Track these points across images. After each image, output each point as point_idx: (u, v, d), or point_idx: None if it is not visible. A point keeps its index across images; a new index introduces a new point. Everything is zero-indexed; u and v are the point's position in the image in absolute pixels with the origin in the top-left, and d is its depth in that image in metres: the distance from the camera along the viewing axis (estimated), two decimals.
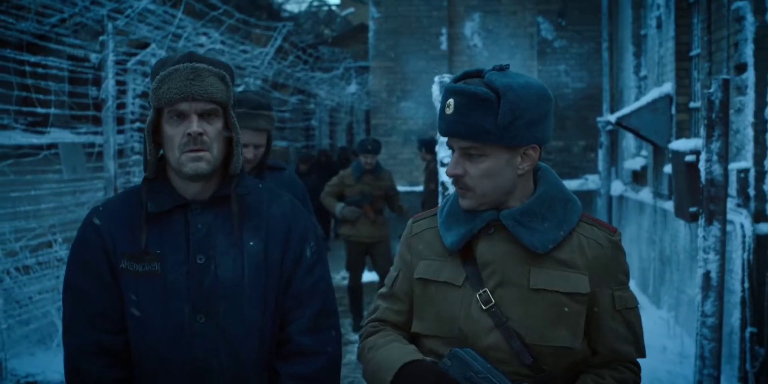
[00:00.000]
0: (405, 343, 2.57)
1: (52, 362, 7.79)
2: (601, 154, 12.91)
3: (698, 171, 5.76)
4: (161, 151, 2.69)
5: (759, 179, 6.60)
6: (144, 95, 11.87)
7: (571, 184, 13.97)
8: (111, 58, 9.55)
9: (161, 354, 2.61)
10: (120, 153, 10.14)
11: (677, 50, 9.10)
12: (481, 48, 14.38)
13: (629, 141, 12.12)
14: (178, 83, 2.54)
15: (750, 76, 6.67)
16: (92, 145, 10.05)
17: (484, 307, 2.46)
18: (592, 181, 14.06)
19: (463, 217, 2.53)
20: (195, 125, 2.55)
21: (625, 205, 12.54)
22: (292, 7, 31.76)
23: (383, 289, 2.71)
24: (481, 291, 2.47)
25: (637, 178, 11.73)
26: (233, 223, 2.65)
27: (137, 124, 10.97)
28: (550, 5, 14.26)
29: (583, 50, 14.36)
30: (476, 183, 2.47)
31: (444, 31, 14.30)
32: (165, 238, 2.63)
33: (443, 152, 5.47)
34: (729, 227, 6.58)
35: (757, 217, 6.58)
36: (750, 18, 6.70)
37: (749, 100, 6.66)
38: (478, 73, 2.47)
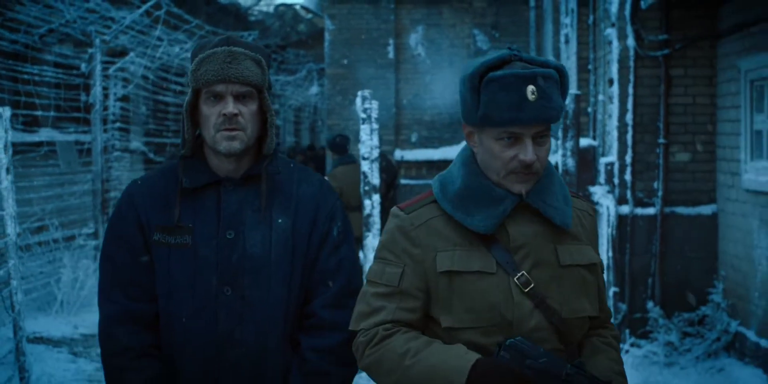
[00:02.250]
0: (442, 342, 2.41)
1: (52, 324, 9.25)
2: None
3: (579, 162, 7.47)
4: (198, 131, 2.75)
5: (621, 171, 8.29)
6: (124, 99, 13.34)
7: None
8: (99, 68, 11.11)
9: (188, 323, 2.66)
10: (104, 149, 11.63)
11: (579, 64, 10.73)
12: (424, 57, 15.80)
13: None
14: (216, 66, 2.58)
15: (615, 89, 8.36)
16: (81, 142, 11.52)
17: (524, 290, 2.39)
18: None
19: (485, 199, 2.42)
20: (231, 106, 2.60)
21: None
22: (260, 9, 32.73)
23: (377, 288, 2.47)
24: (518, 275, 2.39)
25: None
26: (261, 201, 2.69)
27: (117, 124, 12.46)
28: (485, 19, 15.77)
29: None
30: (543, 165, 2.41)
31: (391, 41, 15.63)
32: (197, 213, 2.69)
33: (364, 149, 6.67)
34: (600, 209, 8.31)
35: (620, 201, 8.26)
36: (615, 42, 8.37)
37: (615, 108, 8.35)
38: (510, 58, 2.37)
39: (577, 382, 2.32)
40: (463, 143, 2.59)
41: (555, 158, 7.03)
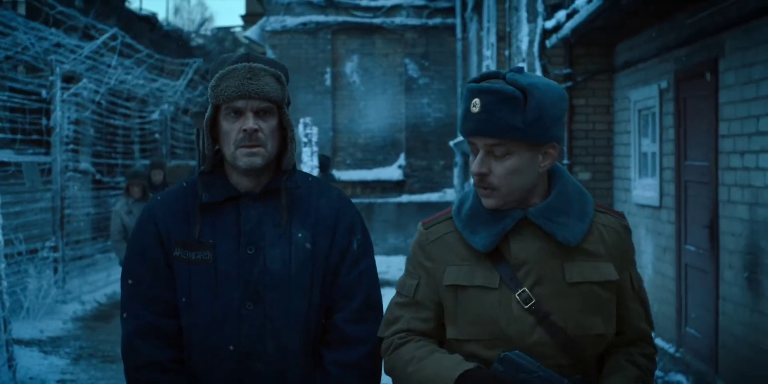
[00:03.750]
0: (445, 352, 2.49)
1: (20, 328, 10.02)
2: (456, 171, 15.74)
3: None
4: (217, 147, 2.70)
5: None
6: (77, 122, 14.19)
7: (432, 197, 16.79)
8: (59, 94, 12.04)
9: (210, 338, 2.63)
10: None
11: None
12: (359, 84, 16.93)
13: None
14: (236, 82, 2.57)
15: None
16: (42, 163, 12.39)
17: (525, 306, 2.40)
18: (449, 194, 16.86)
19: (489, 217, 2.46)
20: (251, 122, 2.57)
21: None
22: (202, 33, 33.49)
23: (399, 298, 2.59)
24: (519, 291, 2.41)
25: None
26: (282, 216, 2.66)
27: (71, 146, 13.32)
28: (416, 49, 16.98)
29: (443, 86, 17.12)
30: (501, 181, 2.40)
31: (328, 69, 16.72)
32: (217, 229, 2.66)
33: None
34: None
35: None
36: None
37: None
38: (497, 75, 2.43)
39: None
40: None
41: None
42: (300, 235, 2.68)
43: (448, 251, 2.52)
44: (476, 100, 2.36)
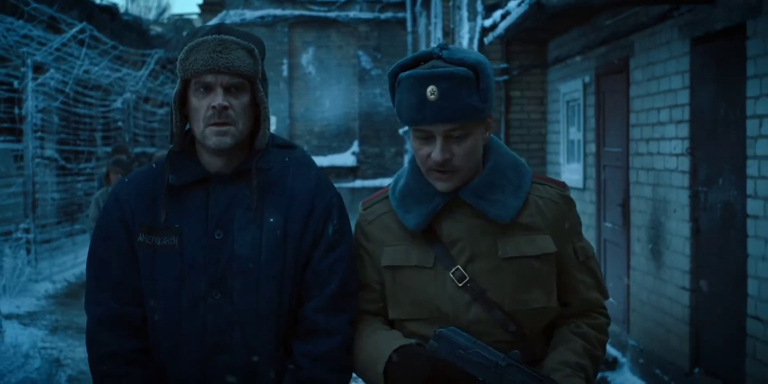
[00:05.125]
0: (388, 329, 2.48)
1: None
2: (406, 158, 16.54)
3: None
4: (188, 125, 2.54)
5: None
6: (43, 111, 14.84)
7: (385, 182, 17.61)
8: (30, 84, 12.73)
9: (175, 328, 2.49)
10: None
11: None
12: (315, 74, 17.72)
13: None
14: (205, 55, 2.40)
15: None
16: (14, 150, 13.07)
17: (459, 284, 2.37)
18: None
19: (421, 197, 2.42)
20: (220, 98, 2.40)
21: None
22: (161, 22, 33.81)
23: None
24: (453, 269, 2.38)
25: None
26: (253, 199, 2.49)
27: (39, 134, 14.00)
28: (369, 42, 17.83)
29: None
30: (463, 163, 2.34)
31: (285, 61, 17.52)
32: (184, 212, 2.50)
33: None
34: None
35: None
36: None
37: None
38: (430, 55, 2.37)
39: (510, 375, 2.30)
40: None
41: None
42: (272, 219, 2.51)
43: (385, 232, 2.50)
44: (432, 88, 2.27)
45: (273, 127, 8.29)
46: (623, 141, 7.76)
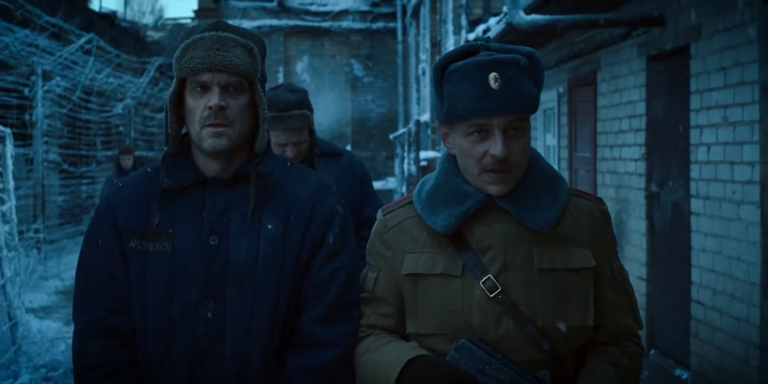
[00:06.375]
0: (402, 341, 2.29)
1: None
2: (397, 162, 17.23)
3: (428, 169, 10.22)
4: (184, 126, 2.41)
5: None
6: (49, 116, 15.54)
7: (376, 185, 18.27)
8: (40, 92, 13.46)
9: (165, 338, 2.36)
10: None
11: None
12: (309, 82, 18.42)
13: None
14: (202, 53, 2.27)
15: None
16: (25, 154, 13.79)
17: (490, 295, 2.18)
18: (391, 182, 18.41)
19: (452, 198, 2.24)
20: (217, 98, 2.27)
21: None
22: (156, 28, 34.38)
23: (364, 294, 2.38)
24: (484, 278, 2.19)
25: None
26: (250, 204, 2.37)
27: (46, 139, 14.71)
28: (361, 50, 18.57)
29: (385, 85, 18.86)
30: (520, 161, 2.19)
31: (281, 69, 18.25)
32: (179, 217, 2.38)
33: None
34: None
35: None
36: None
37: None
38: (477, 48, 2.23)
39: None
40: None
41: (404, 166, 9.83)
42: (270, 225, 2.38)
43: (407, 238, 2.31)
44: (495, 74, 2.12)
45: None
46: (592, 147, 8.52)
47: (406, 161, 9.24)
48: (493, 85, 2.12)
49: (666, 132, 6.70)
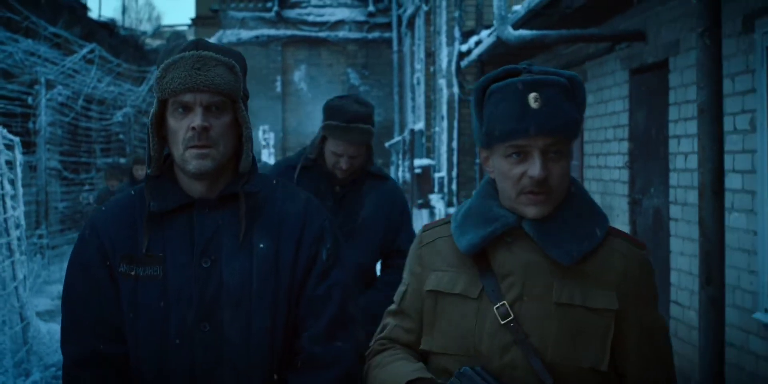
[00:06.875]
0: (412, 360, 2.26)
1: None
2: (392, 170, 17.57)
3: (422, 176, 10.54)
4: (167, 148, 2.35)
5: (449, 182, 11.46)
6: (51, 124, 15.83)
7: None
8: (44, 101, 13.77)
9: (160, 364, 2.29)
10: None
11: (426, 101, 13.86)
12: (306, 91, 18.76)
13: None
14: (183, 73, 2.22)
15: (445, 123, 11.53)
16: (28, 161, 14.07)
17: (502, 321, 2.13)
18: None
19: (481, 220, 2.20)
20: (200, 119, 2.22)
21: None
22: (154, 37, 34.62)
23: (392, 306, 2.38)
24: (498, 304, 2.14)
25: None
26: (241, 224, 2.31)
27: (48, 146, 15.00)
28: (357, 60, 18.92)
29: (381, 93, 19.20)
30: (558, 184, 2.13)
31: (279, 78, 18.58)
32: (168, 240, 2.32)
33: None
34: (434, 210, 11.44)
35: (449, 204, 11.42)
36: (444, 90, 11.54)
37: (444, 137, 11.51)
38: (518, 70, 2.18)
39: None
40: None
41: (399, 174, 10.15)
42: (262, 245, 2.34)
43: (437, 256, 2.30)
44: (535, 95, 2.09)
45: (272, 143, 9.28)
46: (579, 155, 8.85)
47: (400, 169, 9.52)
48: (533, 104, 2.08)
49: (647, 141, 7.03)
